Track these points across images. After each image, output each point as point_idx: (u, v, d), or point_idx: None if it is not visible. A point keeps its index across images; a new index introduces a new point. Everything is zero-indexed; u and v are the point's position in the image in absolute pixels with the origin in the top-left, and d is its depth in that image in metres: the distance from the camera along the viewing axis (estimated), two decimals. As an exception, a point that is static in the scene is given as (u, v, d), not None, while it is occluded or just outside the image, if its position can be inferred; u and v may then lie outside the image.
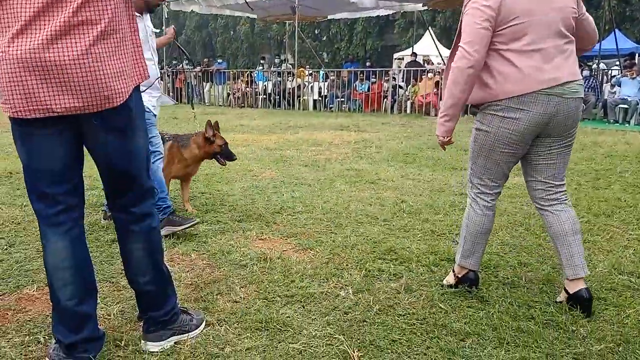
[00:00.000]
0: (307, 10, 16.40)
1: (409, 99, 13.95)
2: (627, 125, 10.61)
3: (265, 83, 16.52)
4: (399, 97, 14.20)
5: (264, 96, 16.28)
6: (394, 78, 14.74)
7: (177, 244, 3.23)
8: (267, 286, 2.60)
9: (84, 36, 1.64)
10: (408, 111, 13.68)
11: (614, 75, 13.10)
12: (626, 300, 2.43)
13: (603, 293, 2.53)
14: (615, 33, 17.35)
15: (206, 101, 17.39)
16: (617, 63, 15.24)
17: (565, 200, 2.43)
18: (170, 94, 18.19)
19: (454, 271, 2.61)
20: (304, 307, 2.38)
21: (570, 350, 2.02)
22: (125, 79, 1.75)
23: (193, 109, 5.62)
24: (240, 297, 2.47)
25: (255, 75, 17.09)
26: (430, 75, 13.93)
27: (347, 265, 2.91)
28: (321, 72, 17.05)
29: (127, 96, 1.76)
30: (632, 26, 25.27)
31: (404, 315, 2.30)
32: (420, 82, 13.72)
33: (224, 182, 5.01)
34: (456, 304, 2.42)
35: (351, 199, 4.38)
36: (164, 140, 3.84)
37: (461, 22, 2.32)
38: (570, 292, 2.34)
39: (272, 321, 2.21)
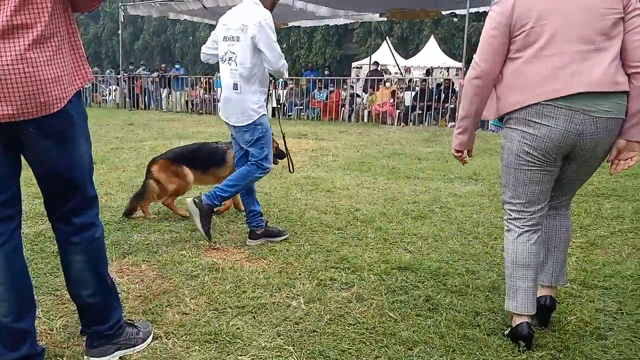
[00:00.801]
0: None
1: (366, 108, 14.12)
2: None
3: (222, 90, 16.37)
4: (356, 105, 14.34)
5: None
6: (352, 87, 14.89)
7: (127, 254, 3.16)
8: (218, 297, 2.57)
9: (18, 41, 1.59)
10: (365, 120, 13.83)
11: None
12: (567, 307, 2.52)
13: (546, 300, 2.62)
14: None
15: (164, 107, 17.11)
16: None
17: (565, 209, 2.32)
18: (127, 99, 17.84)
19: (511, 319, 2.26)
20: (254, 318, 2.37)
21: (513, 357, 2.08)
22: (63, 84, 1.70)
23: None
24: (190, 309, 2.44)
25: (214, 81, 16.94)
26: (387, 84, 14.15)
27: (299, 274, 2.92)
28: (280, 80, 17.05)
29: (66, 102, 1.71)
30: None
31: (354, 325, 2.32)
32: (377, 91, 13.91)
33: (178, 191, 4.93)
34: (405, 312, 2.46)
35: (306, 207, 4.40)
36: (224, 149, 3.97)
37: None
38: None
39: (221, 333, 2.19)
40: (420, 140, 9.44)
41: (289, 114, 15.02)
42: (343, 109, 14.33)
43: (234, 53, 3.23)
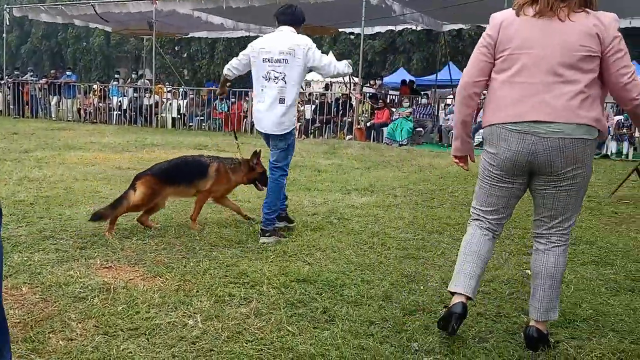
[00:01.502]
0: (166, 27, 15.99)
1: (269, 120, 14.15)
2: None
3: (121, 98, 15.69)
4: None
5: (119, 112, 15.46)
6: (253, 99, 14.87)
7: (6, 276, 2.92)
8: (109, 319, 2.45)
9: None
10: (268, 131, 13.86)
11: (449, 104, 14.53)
12: (452, 312, 2.68)
13: (433, 306, 2.77)
14: (449, 65, 19.36)
15: (53, 116, 16.02)
16: (452, 92, 16.98)
17: (554, 243, 2.32)
18: (11, 106, 16.50)
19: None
20: (148, 340, 2.29)
21: (403, 363, 2.18)
22: None
23: (236, 139, 4.87)
24: (77, 334, 2.31)
25: (109, 89, 16.17)
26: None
27: (197, 291, 2.86)
28: (181, 90, 16.65)
29: None
30: (463, 59, 28.34)
31: (252, 341, 2.32)
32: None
33: (66, 205, 4.65)
34: (303, 325, 2.49)
35: (207, 221, 4.33)
36: (207, 163, 4.21)
37: None
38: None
39: (111, 358, 2.10)
40: (320, 153, 9.62)
41: (190, 124, 14.70)
42: (245, 120, 14.26)
43: (280, 73, 3.80)
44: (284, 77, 3.80)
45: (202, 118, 14.79)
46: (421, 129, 12.84)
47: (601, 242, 4.07)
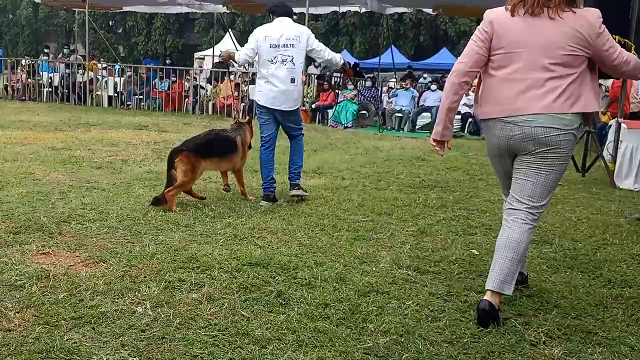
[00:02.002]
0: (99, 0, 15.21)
1: (210, 100, 13.83)
2: (401, 131, 11.98)
3: (51, 75, 14.83)
4: (200, 97, 13.99)
5: (50, 89, 14.61)
6: (195, 78, 14.47)
7: None
8: (49, 309, 2.31)
9: None
10: (210, 112, 13.55)
11: (392, 88, 14.71)
12: (405, 293, 2.72)
13: (386, 287, 2.79)
14: (392, 49, 19.57)
15: (-24, 92, 14.97)
16: (394, 76, 17.20)
17: (518, 220, 2.45)
18: None
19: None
20: (94, 329, 2.17)
21: (361, 346, 2.18)
22: None
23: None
24: (15, 324, 2.16)
25: (38, 65, 15.24)
26: (232, 77, 14.00)
27: (145, 277, 2.75)
28: (117, 67, 15.93)
29: None
30: (405, 43, 28.82)
31: (205, 327, 2.25)
32: (222, 83, 13.70)
33: (-4, 188, 4.35)
34: (258, 310, 2.45)
35: (151, 205, 4.16)
36: (234, 137, 4.54)
37: None
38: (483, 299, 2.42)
39: (55, 349, 1.98)
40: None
41: (128, 103, 14.12)
42: (187, 100, 13.87)
43: (289, 55, 4.34)
44: (292, 60, 4.35)
45: (141, 97, 14.24)
46: (365, 112, 12.93)
47: (540, 222, 4.23)
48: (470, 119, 11.89)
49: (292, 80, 4.37)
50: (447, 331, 2.32)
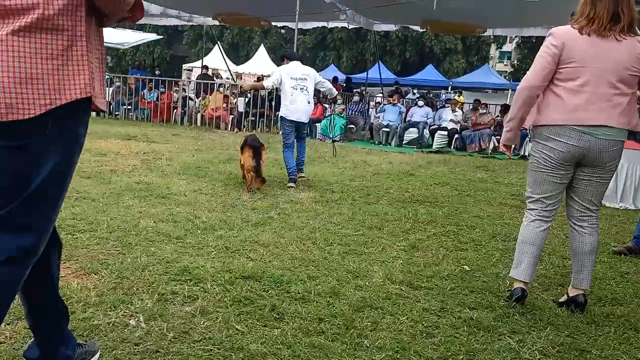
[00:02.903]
0: (89, 9, 15.12)
1: (199, 112, 13.81)
2: (389, 146, 12.07)
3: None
4: (189, 108, 13.96)
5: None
6: (184, 89, 14.45)
7: None
8: (42, 320, 2.28)
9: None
10: (199, 124, 13.52)
11: (379, 102, 14.83)
12: (400, 308, 2.72)
13: (380, 302, 2.79)
14: (379, 64, 19.78)
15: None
16: (382, 91, 17.35)
17: (594, 225, 2.83)
18: None
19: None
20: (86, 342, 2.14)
21: None
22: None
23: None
24: (6, 337, 2.12)
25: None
26: (221, 89, 14.01)
27: (137, 289, 2.72)
28: (106, 77, 15.83)
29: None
30: (391, 59, 29.15)
31: (200, 341, 2.23)
32: (210, 95, 13.70)
33: (-17, 197, 4.28)
34: (252, 324, 2.44)
35: (141, 215, 4.13)
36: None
37: None
38: (570, 296, 2.83)
39: (48, 362, 1.94)
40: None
41: (116, 113, 14.03)
42: (175, 111, 13.83)
43: (305, 86, 6.07)
44: (307, 88, 6.09)
45: (130, 107, 14.16)
46: (353, 126, 13.01)
47: (529, 239, 4.29)
48: (456, 135, 12.03)
49: (308, 102, 6.16)
50: (442, 347, 2.33)
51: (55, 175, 1.56)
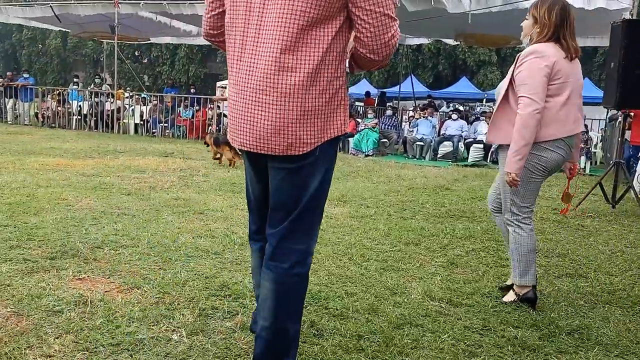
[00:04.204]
0: (127, 30, 15.66)
1: (234, 128, 14.00)
2: (423, 160, 11.97)
3: (81, 103, 15.23)
4: (223, 125, 14.18)
5: (79, 117, 14.99)
6: (218, 106, 14.72)
7: (-29, 289, 2.75)
8: (88, 334, 2.33)
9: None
10: (233, 140, 13.71)
11: (412, 116, 14.75)
12: (440, 326, 2.68)
13: (420, 320, 2.75)
14: (411, 78, 19.72)
15: (9, 119, 15.41)
16: (414, 104, 17.28)
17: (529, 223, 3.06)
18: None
19: (514, 291, 3.06)
20: (132, 356, 2.18)
21: (397, 377, 2.15)
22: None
23: None
24: (55, 350, 2.18)
25: (67, 94, 15.66)
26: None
27: (178, 304, 2.76)
28: (144, 95, 16.30)
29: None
30: (423, 72, 29.02)
31: (241, 357, 2.24)
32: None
33: (31, 213, 4.44)
34: (292, 339, 2.43)
35: (180, 231, 4.21)
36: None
37: (514, 74, 2.87)
38: (520, 294, 3.02)
39: (96, 376, 1.99)
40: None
41: (153, 131, 14.39)
42: (210, 128, 14.08)
43: None
44: None
45: (166, 125, 14.50)
46: (386, 140, 12.97)
47: (572, 254, 4.17)
48: (493, 148, 11.85)
49: None
50: (485, 366, 2.28)
51: (319, 189, 1.92)
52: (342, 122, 1.89)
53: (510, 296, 3.07)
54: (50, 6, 14.60)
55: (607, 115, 12.62)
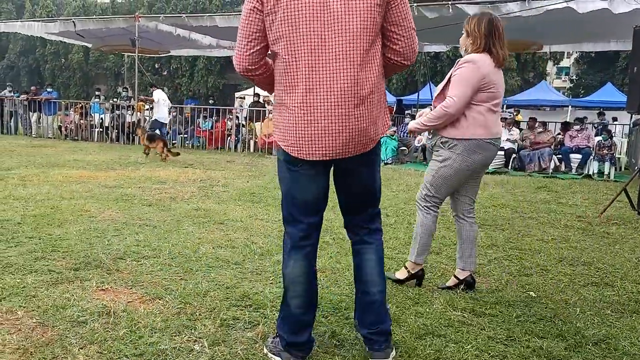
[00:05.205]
0: (147, 43, 15.90)
1: (252, 138, 14.11)
2: (444, 168, 11.86)
3: (102, 115, 15.49)
4: (242, 135, 14.30)
5: (101, 129, 15.24)
6: (237, 117, 14.84)
7: (-2, 300, 2.80)
8: (112, 345, 2.36)
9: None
10: (252, 150, 13.81)
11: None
12: (463, 336, 2.64)
13: (442, 330, 2.72)
14: (430, 85, 19.64)
15: (33, 133, 15.75)
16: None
17: (474, 216, 3.41)
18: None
19: (406, 268, 3.43)
20: (155, 366, 2.20)
21: (420, 389, 2.12)
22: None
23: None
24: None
25: (90, 107, 15.95)
26: (271, 115, 14.27)
27: (200, 315, 2.77)
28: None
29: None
30: (441, 79, 28.90)
31: (263, 367, 2.24)
32: (262, 122, 13.99)
33: (55, 225, 4.51)
34: (313, 350, 2.42)
35: (200, 241, 4.23)
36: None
37: (451, 75, 3.18)
38: (461, 279, 3.35)
39: (119, 386, 2.00)
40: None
41: (173, 142, 14.55)
42: (229, 138, 14.20)
43: None
44: None
45: (186, 136, 14.66)
46: (405, 148, 12.92)
47: (598, 263, 4.09)
48: (514, 155, 11.72)
49: None
50: (510, 377, 2.24)
51: (380, 173, 2.37)
52: (388, 119, 2.30)
53: (402, 273, 3.45)
54: (73, 21, 14.92)
55: (631, 120, 12.41)
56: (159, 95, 12.84)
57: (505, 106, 22.58)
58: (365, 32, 2.04)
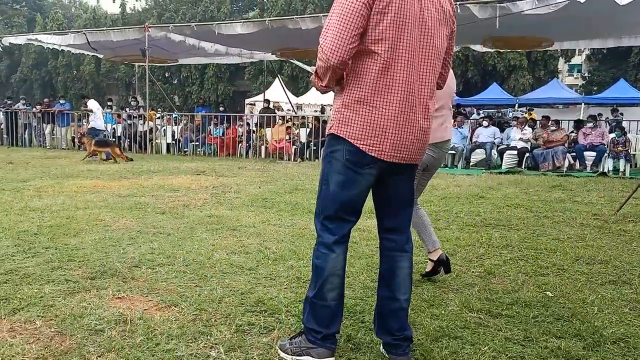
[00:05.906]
0: (157, 53, 16.06)
1: (263, 144, 14.16)
2: (455, 168, 11.83)
3: (114, 125, 15.64)
4: (253, 141, 14.35)
5: (113, 139, 15.39)
6: (247, 123, 14.91)
7: (17, 310, 2.83)
8: (129, 352, 2.37)
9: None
10: (263, 156, 13.86)
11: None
12: (480, 338, 2.63)
13: (458, 332, 2.71)
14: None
15: (47, 144, 15.94)
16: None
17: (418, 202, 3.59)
18: (4, 136, 16.47)
19: (431, 260, 3.55)
20: (172, 373, 2.21)
21: (438, 391, 2.11)
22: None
23: None
24: None
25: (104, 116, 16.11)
26: (280, 121, 14.32)
27: (215, 321, 2.78)
28: (175, 115, 16.65)
29: None
30: (452, 80, 28.74)
31: (279, 372, 2.25)
32: (273, 127, 14.04)
33: (71, 235, 4.56)
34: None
35: (214, 248, 4.25)
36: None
37: None
38: (435, 259, 3.50)
39: (137, 393, 2.01)
40: (318, 176, 9.57)
41: (185, 149, 14.65)
42: (240, 145, 14.26)
43: None
44: None
45: (197, 143, 14.75)
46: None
47: (615, 261, 4.05)
48: (527, 154, 11.64)
49: None
50: (529, 378, 2.22)
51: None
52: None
53: (429, 266, 3.58)
54: (84, 33, 15.11)
55: (644, 115, 12.25)
56: (94, 105, 13.52)
57: (517, 105, 22.44)
58: (442, 54, 2.26)
